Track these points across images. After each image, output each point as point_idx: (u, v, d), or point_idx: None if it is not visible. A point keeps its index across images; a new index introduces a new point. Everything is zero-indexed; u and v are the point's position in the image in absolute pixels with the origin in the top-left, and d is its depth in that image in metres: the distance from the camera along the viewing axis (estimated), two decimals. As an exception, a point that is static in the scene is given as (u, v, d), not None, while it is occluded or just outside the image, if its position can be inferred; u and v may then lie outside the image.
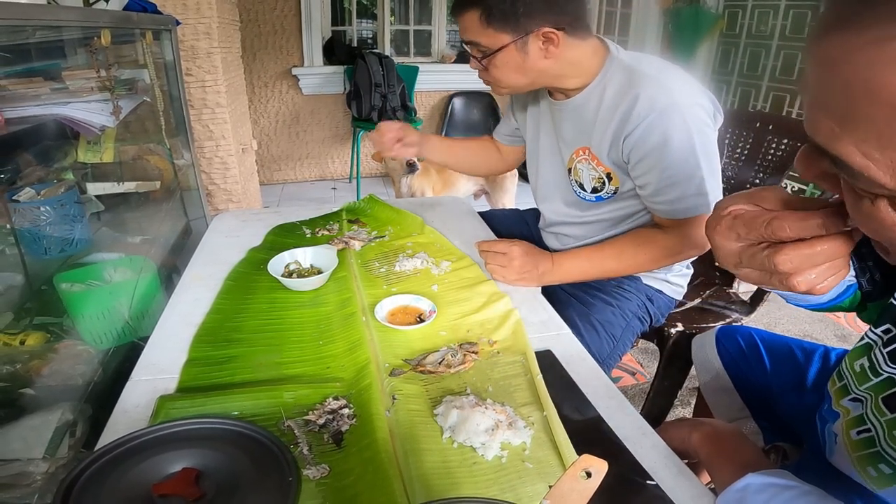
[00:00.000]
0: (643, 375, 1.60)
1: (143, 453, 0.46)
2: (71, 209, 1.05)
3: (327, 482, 0.48)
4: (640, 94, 0.75)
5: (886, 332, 0.44)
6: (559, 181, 0.96)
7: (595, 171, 0.86)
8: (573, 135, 0.88)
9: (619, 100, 0.78)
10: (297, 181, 3.36)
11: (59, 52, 1.09)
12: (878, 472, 0.44)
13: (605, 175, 0.86)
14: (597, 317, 0.89)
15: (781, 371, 0.75)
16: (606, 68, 0.82)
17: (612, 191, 0.87)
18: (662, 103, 0.74)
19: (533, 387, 0.61)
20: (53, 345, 0.87)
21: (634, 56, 0.82)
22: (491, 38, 0.78)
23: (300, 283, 0.82)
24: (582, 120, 0.85)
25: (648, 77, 0.76)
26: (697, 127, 0.75)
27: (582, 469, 0.41)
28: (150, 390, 0.60)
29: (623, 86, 0.78)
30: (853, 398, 0.47)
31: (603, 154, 0.83)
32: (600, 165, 0.85)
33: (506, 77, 0.82)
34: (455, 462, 0.51)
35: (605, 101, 0.81)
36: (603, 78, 0.82)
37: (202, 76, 1.72)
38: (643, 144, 0.77)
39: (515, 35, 0.77)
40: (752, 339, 0.80)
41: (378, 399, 0.57)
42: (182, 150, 1.54)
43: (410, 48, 3.37)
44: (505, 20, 0.76)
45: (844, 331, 1.85)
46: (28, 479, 0.64)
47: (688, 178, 0.76)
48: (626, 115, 0.77)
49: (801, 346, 0.76)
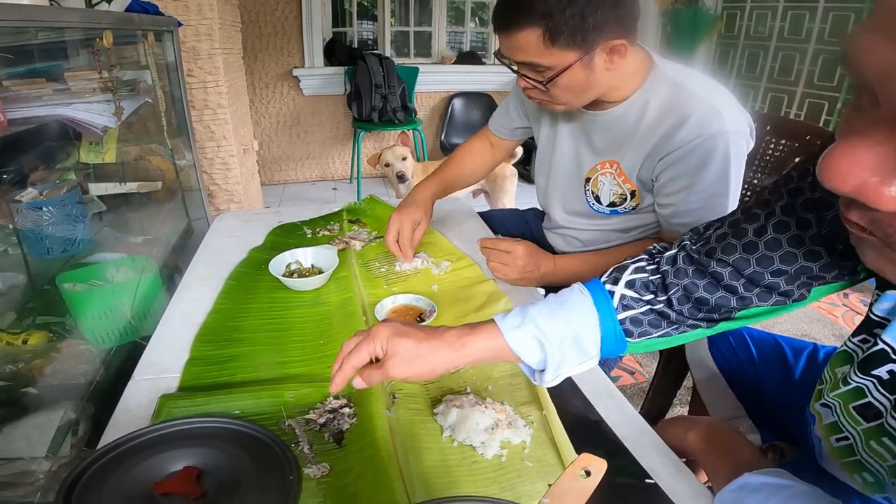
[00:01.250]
0: (642, 375, 1.60)
1: (145, 452, 0.46)
2: (73, 209, 1.05)
3: (328, 481, 0.49)
4: (690, 116, 0.70)
5: (863, 342, 0.44)
6: (572, 190, 0.92)
7: (619, 188, 0.83)
8: (603, 146, 0.83)
9: (663, 117, 0.73)
10: (298, 182, 3.36)
11: (61, 53, 1.09)
12: (863, 480, 0.44)
13: (630, 192, 0.82)
14: None
15: (770, 368, 0.75)
16: (651, 80, 0.76)
17: (631, 207, 0.84)
18: (713, 129, 0.70)
19: (532, 386, 0.61)
20: (56, 344, 0.88)
21: (680, 69, 0.77)
22: (555, 58, 0.69)
23: (301, 282, 0.82)
24: (618, 133, 0.80)
25: (699, 98, 0.71)
26: (737, 158, 0.72)
27: (581, 468, 0.41)
28: (152, 389, 0.60)
29: (669, 103, 0.73)
30: (824, 403, 0.47)
31: (633, 171, 0.79)
32: (627, 182, 0.81)
33: (566, 96, 0.74)
34: (455, 461, 0.51)
35: (648, 116, 0.75)
36: (646, 91, 0.76)
37: (204, 77, 1.73)
38: (680, 166, 0.73)
39: (583, 52, 0.68)
40: (742, 337, 0.80)
41: (378, 398, 0.58)
42: (184, 151, 1.54)
43: (411, 49, 3.38)
44: (573, 37, 0.66)
45: (842, 330, 1.84)
46: (30, 478, 0.65)
47: (712, 208, 0.73)
48: (671, 135, 0.72)
49: (790, 343, 0.76)
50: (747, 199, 1.22)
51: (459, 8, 3.40)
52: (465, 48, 3.45)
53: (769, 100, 2.96)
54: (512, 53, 0.72)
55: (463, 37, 3.46)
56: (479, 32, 3.51)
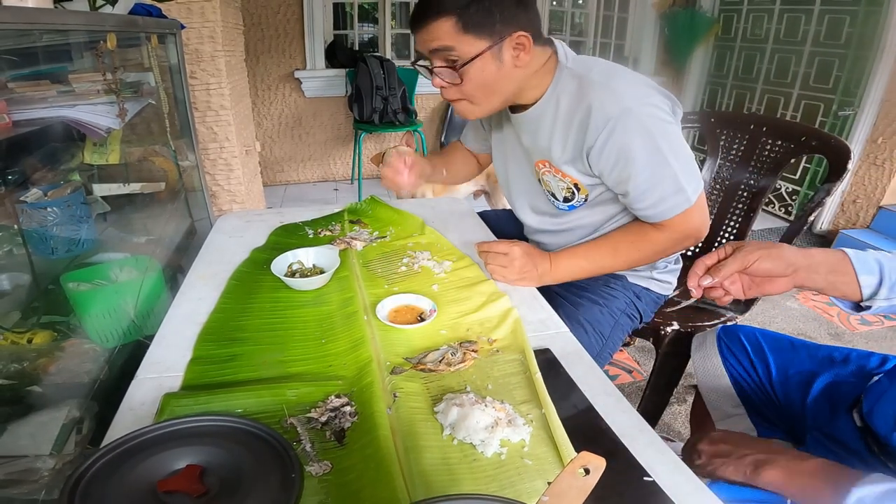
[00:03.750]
0: (639, 373, 1.60)
1: (148, 450, 0.47)
2: (77, 210, 1.06)
3: (329, 478, 0.49)
4: (592, 105, 0.74)
5: None
6: (531, 191, 0.95)
7: (562, 182, 0.86)
8: (532, 147, 0.87)
9: (573, 111, 0.78)
10: (300, 182, 3.37)
11: (65, 55, 1.10)
12: None
13: (573, 185, 0.85)
14: (585, 316, 0.90)
15: (787, 371, 0.75)
16: (557, 78, 0.81)
17: (582, 199, 0.87)
18: (615, 112, 0.73)
19: (532, 384, 0.61)
20: (60, 343, 0.88)
21: (581, 61, 0.81)
22: (468, 45, 0.74)
23: (303, 282, 0.82)
24: (539, 133, 0.84)
25: (597, 85, 0.75)
26: (656, 126, 0.74)
27: (580, 466, 0.41)
28: (156, 388, 0.60)
29: (575, 96, 0.78)
30: None
31: (566, 165, 0.83)
32: (566, 177, 0.84)
33: (480, 92, 0.78)
34: (455, 459, 0.51)
35: (560, 112, 0.80)
36: (555, 88, 0.81)
37: (206, 79, 1.74)
38: (608, 157, 0.76)
39: (492, 40, 0.74)
40: (756, 339, 0.80)
41: (379, 397, 0.58)
42: (186, 152, 1.55)
43: (411, 51, 3.39)
44: (482, 24, 0.73)
45: (837, 329, 1.86)
46: (35, 475, 0.65)
47: (661, 180, 0.76)
48: (584, 128, 0.76)
49: (804, 346, 0.77)
50: (743, 198, 1.23)
51: (460, 10, 3.41)
52: (466, 50, 3.46)
53: (765, 101, 2.97)
54: (427, 45, 0.77)
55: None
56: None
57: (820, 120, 2.64)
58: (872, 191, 2.42)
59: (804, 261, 0.56)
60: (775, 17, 2.81)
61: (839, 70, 2.53)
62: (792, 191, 2.88)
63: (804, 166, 2.77)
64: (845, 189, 2.52)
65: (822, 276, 0.56)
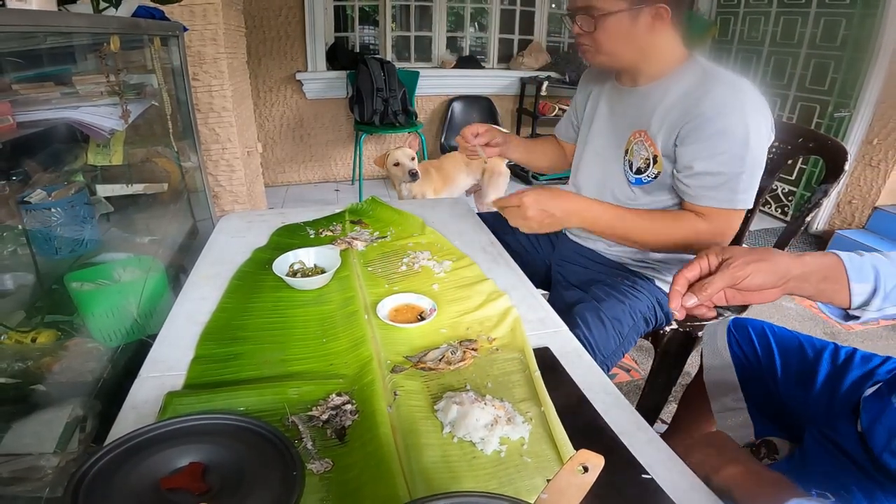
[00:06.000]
0: (638, 372, 1.61)
1: (151, 448, 0.47)
2: (81, 210, 1.07)
3: (331, 476, 0.49)
4: (711, 91, 0.79)
5: None
6: (607, 169, 0.97)
7: (646, 151, 0.89)
8: (632, 119, 0.91)
9: (687, 93, 0.82)
10: (301, 183, 3.38)
11: (69, 57, 1.11)
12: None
13: (653, 157, 0.88)
14: (607, 312, 0.88)
15: (790, 366, 0.75)
16: (685, 68, 0.85)
17: (653, 174, 0.89)
18: (731, 104, 0.77)
19: (531, 383, 0.62)
20: (64, 342, 0.89)
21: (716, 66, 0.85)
22: (609, 3, 0.80)
23: (304, 282, 0.83)
24: (644, 106, 0.88)
25: (725, 78, 0.80)
26: (756, 131, 0.78)
27: (579, 464, 0.42)
28: (158, 387, 0.61)
29: (694, 85, 0.82)
30: None
31: (657, 137, 0.86)
32: (652, 146, 0.87)
33: (609, 42, 0.84)
34: (455, 456, 0.52)
35: (672, 93, 0.84)
36: (677, 75, 0.85)
37: (209, 81, 1.75)
38: (702, 131, 0.79)
39: (632, 3, 0.79)
40: (764, 333, 0.80)
41: (380, 395, 0.59)
42: (189, 153, 1.56)
43: (411, 54, 3.40)
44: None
45: (833, 329, 1.86)
46: (39, 473, 0.66)
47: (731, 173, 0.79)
48: (693, 106, 0.80)
49: (810, 343, 0.77)
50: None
51: (459, 13, 3.42)
52: (465, 52, 3.47)
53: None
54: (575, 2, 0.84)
55: (462, 41, 3.47)
56: (479, 37, 3.52)
57: (816, 121, 2.64)
58: (868, 191, 2.42)
59: (798, 269, 0.54)
60: (772, 20, 2.82)
61: (835, 72, 2.53)
62: (788, 191, 2.88)
63: (800, 167, 2.78)
64: (841, 190, 2.52)
65: (813, 284, 0.54)
